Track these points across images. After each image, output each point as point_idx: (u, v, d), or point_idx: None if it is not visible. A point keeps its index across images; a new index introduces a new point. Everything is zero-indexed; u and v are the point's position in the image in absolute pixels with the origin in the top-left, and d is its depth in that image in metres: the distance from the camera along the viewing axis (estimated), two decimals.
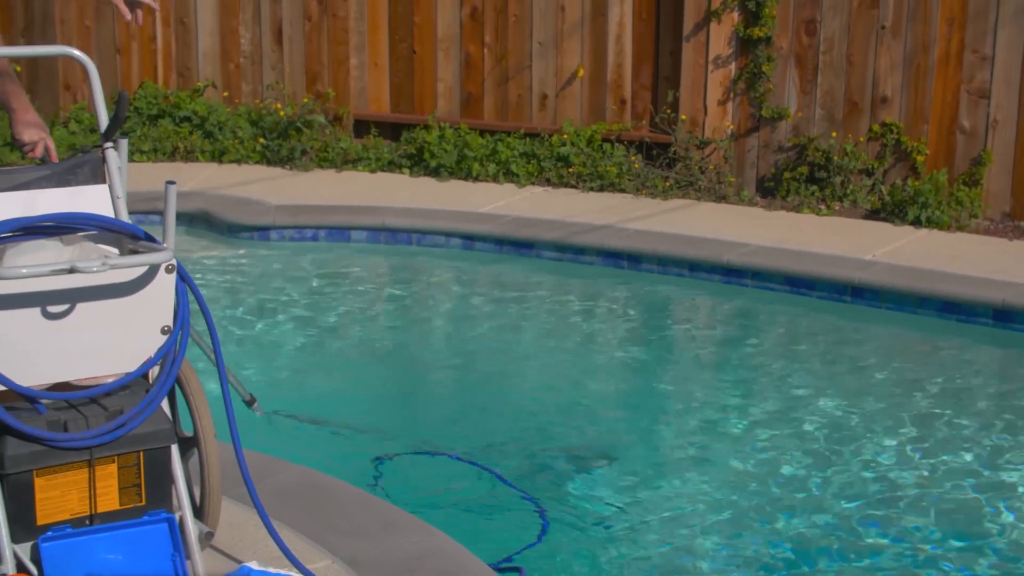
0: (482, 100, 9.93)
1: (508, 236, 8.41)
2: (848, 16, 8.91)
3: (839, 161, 8.91)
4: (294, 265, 8.28)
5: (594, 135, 9.51)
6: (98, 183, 4.14)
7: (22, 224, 3.81)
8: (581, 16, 9.55)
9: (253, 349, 7.00)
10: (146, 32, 10.39)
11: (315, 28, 10.13)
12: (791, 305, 7.62)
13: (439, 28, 9.93)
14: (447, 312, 7.80)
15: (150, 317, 3.85)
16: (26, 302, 3.67)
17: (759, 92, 9.13)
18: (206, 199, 8.92)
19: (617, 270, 8.13)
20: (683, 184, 9.17)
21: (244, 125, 10.09)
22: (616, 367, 7.01)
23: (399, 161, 9.78)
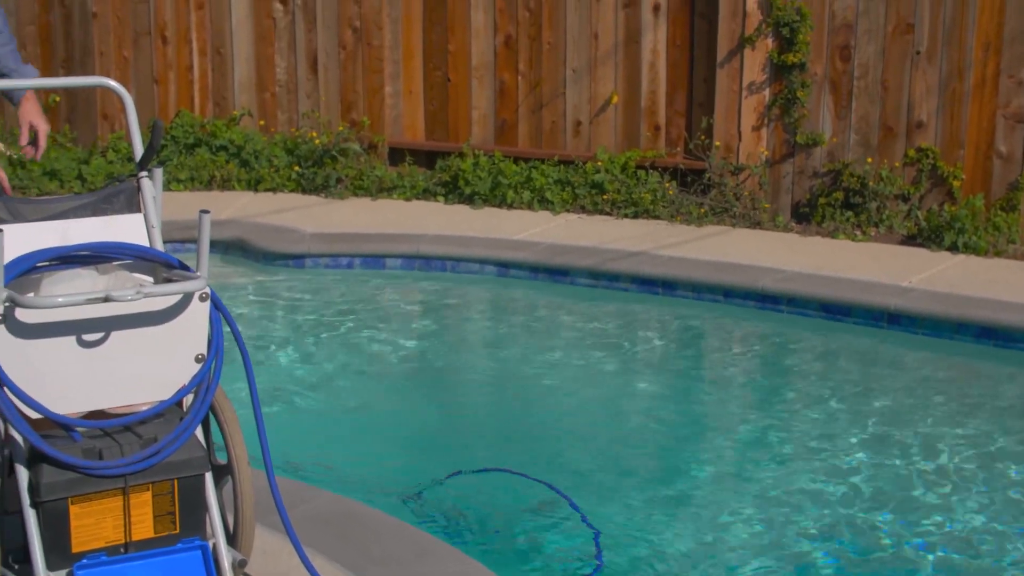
0: (516, 127, 9.96)
1: (542, 263, 8.42)
2: (882, 41, 8.90)
3: (874, 187, 8.88)
4: (329, 293, 8.30)
5: (628, 162, 9.51)
6: (133, 212, 4.17)
7: (58, 253, 3.84)
8: (615, 43, 9.57)
9: (287, 376, 7.02)
10: (183, 62, 10.47)
11: (350, 57, 10.18)
12: (827, 332, 7.59)
13: (473, 56, 9.96)
14: (482, 339, 7.81)
15: (184, 345, 3.86)
16: (62, 330, 3.70)
17: (793, 118, 9.12)
18: (242, 227, 8.96)
19: (652, 296, 8.11)
20: (718, 210, 9.16)
21: (280, 153, 10.14)
22: (651, 393, 6.99)
23: (434, 189, 9.81)
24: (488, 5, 9.85)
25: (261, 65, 10.41)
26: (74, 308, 3.66)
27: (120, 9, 10.45)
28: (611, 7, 9.53)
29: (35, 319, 3.65)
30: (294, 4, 10.22)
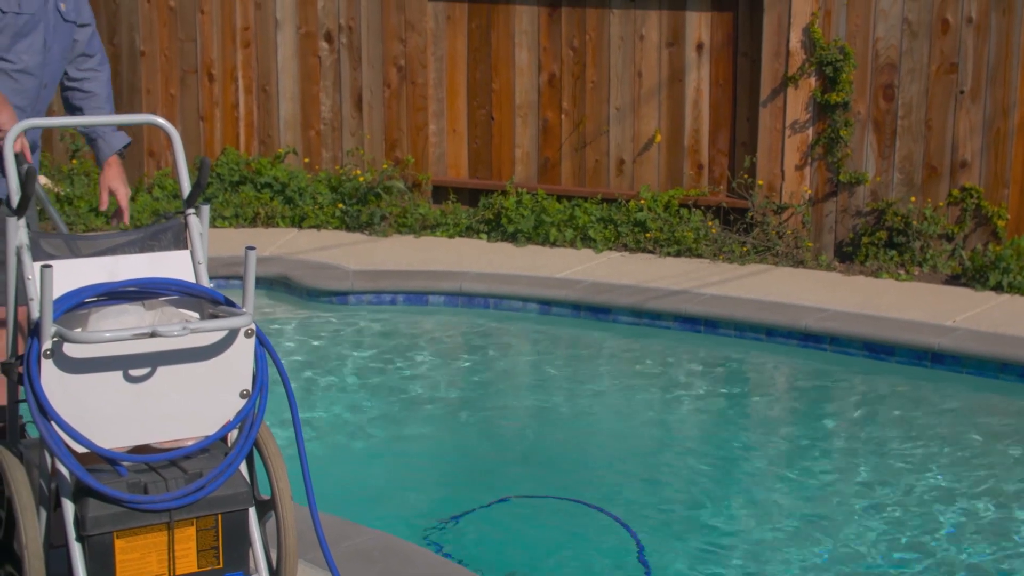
0: (559, 165, 9.99)
1: (585, 301, 8.43)
2: (926, 81, 8.89)
3: (918, 226, 8.86)
4: (372, 329, 8.33)
5: (671, 200, 9.52)
6: (180, 248, 4.21)
7: (106, 289, 3.88)
8: (658, 82, 9.59)
9: (331, 412, 7.04)
10: (229, 100, 10.56)
11: (394, 95, 10.25)
12: (870, 371, 7.55)
13: (517, 94, 10.01)
14: (524, 376, 7.81)
15: (229, 381, 3.89)
16: (109, 366, 3.73)
17: (837, 157, 9.11)
18: (286, 264, 9.02)
19: (694, 335, 8.11)
20: (760, 249, 9.16)
21: (324, 191, 10.20)
22: (693, 431, 6.98)
23: (477, 226, 9.84)
24: (532, 44, 9.90)
25: (306, 103, 10.49)
26: (121, 343, 3.70)
27: (168, 48, 10.56)
28: (655, 46, 9.57)
29: (82, 354, 3.69)
30: (339, 43, 10.31)
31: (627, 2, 9.59)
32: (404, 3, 10.09)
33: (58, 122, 4.43)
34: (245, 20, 10.48)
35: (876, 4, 8.94)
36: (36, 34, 4.88)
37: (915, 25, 8.88)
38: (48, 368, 3.68)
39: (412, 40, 10.12)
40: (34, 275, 3.90)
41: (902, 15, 8.90)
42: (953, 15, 8.79)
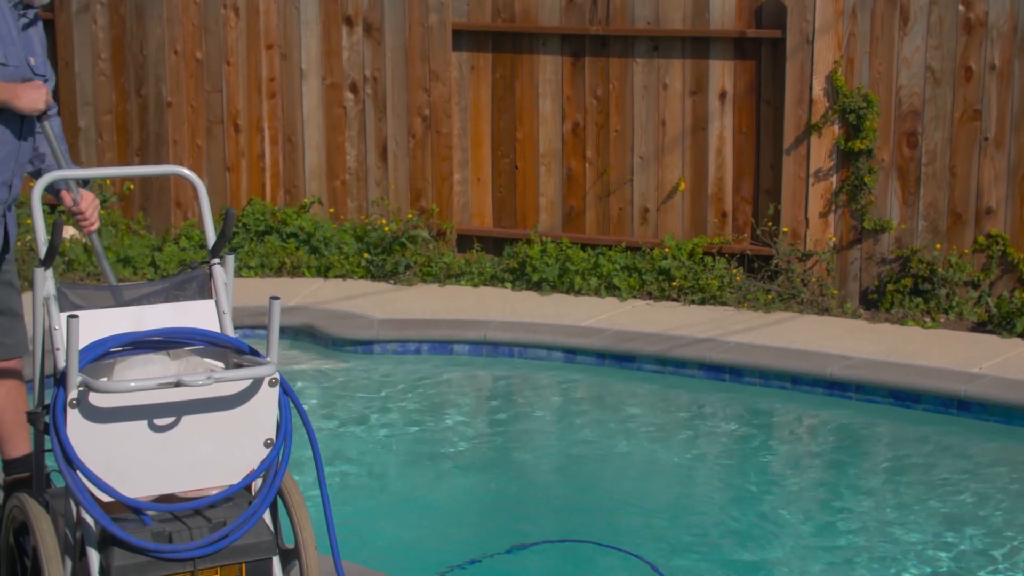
0: (584, 214, 10.01)
1: (610, 349, 8.43)
2: (950, 128, 8.90)
3: (944, 273, 8.84)
4: (397, 378, 8.35)
5: (695, 248, 9.53)
6: (205, 298, 4.25)
7: (131, 339, 3.92)
8: (682, 130, 9.62)
9: (355, 461, 7.05)
10: (255, 150, 10.63)
11: (419, 145, 10.30)
12: (896, 419, 7.53)
13: (541, 143, 10.05)
14: (548, 424, 7.81)
15: (253, 430, 3.92)
16: (134, 415, 3.76)
17: (861, 204, 9.11)
18: (311, 314, 9.05)
19: (719, 383, 8.09)
20: (785, 297, 9.15)
21: (349, 240, 10.24)
22: (718, 479, 6.96)
23: (501, 275, 9.87)
24: (556, 93, 9.95)
25: (331, 153, 10.55)
26: (146, 392, 3.72)
27: (194, 99, 10.65)
28: (678, 95, 9.60)
29: (108, 403, 3.72)
30: (364, 93, 10.38)
31: (650, 51, 9.64)
32: (429, 54, 10.16)
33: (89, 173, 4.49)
34: (271, 71, 10.56)
35: (899, 52, 8.96)
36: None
37: (938, 72, 8.89)
38: (74, 417, 3.70)
39: (437, 90, 10.18)
40: (60, 325, 3.93)
41: (925, 63, 8.92)
42: (976, 62, 8.81)
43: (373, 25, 10.26)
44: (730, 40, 9.41)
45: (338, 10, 10.32)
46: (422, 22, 10.13)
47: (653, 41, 9.61)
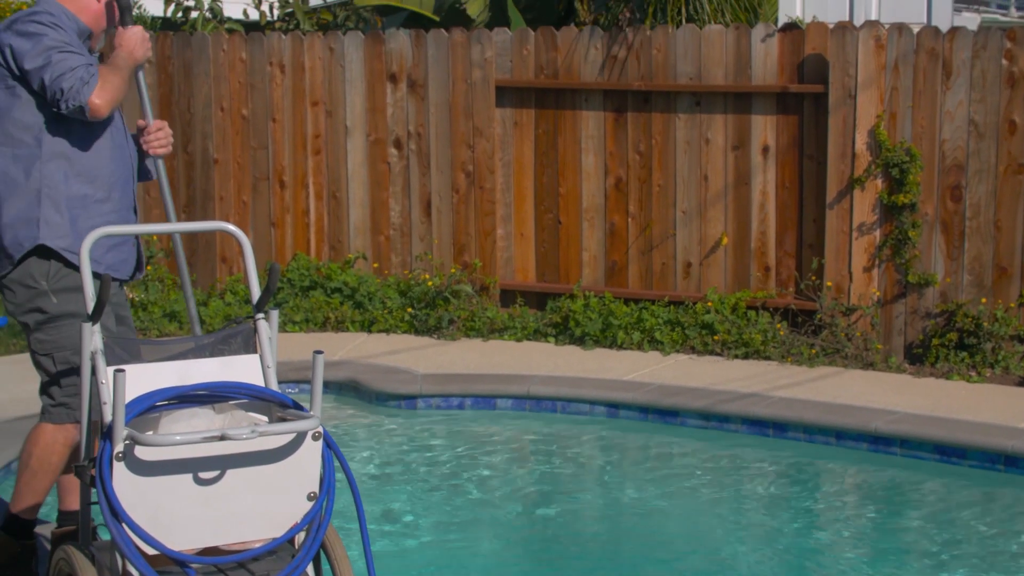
0: (626, 269, 10.03)
1: (653, 404, 8.42)
2: (994, 182, 8.88)
3: (989, 327, 8.80)
4: (441, 433, 8.36)
5: (738, 303, 9.52)
6: (250, 353, 4.29)
7: (177, 393, 3.95)
8: (724, 185, 9.64)
9: (398, 515, 7.06)
10: (300, 206, 10.72)
11: (463, 200, 10.36)
12: (941, 474, 7.48)
13: (584, 198, 10.09)
14: (593, 479, 7.80)
15: (297, 483, 3.94)
16: (179, 468, 3.79)
17: (905, 258, 9.09)
18: (355, 368, 9.08)
19: (762, 438, 8.07)
20: (829, 351, 9.12)
21: (393, 295, 10.29)
22: (763, 534, 6.92)
23: (544, 330, 9.88)
24: (599, 148, 9.99)
25: (376, 209, 10.62)
26: (191, 446, 3.76)
27: (240, 156, 10.75)
28: (720, 149, 9.63)
29: (153, 456, 3.75)
30: (408, 149, 10.45)
31: (693, 106, 9.67)
32: (472, 110, 10.23)
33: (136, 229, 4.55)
34: (316, 128, 10.66)
35: (942, 106, 8.96)
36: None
37: (981, 126, 8.88)
38: (120, 470, 3.74)
39: (480, 146, 10.24)
40: (107, 379, 3.97)
41: (968, 117, 8.91)
42: (1020, 116, 8.79)
43: (417, 82, 10.35)
44: (772, 95, 9.44)
45: (382, 67, 10.42)
46: (466, 78, 10.21)
47: (695, 96, 9.65)
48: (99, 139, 5.06)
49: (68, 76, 4.83)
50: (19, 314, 5.01)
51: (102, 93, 4.84)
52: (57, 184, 4.96)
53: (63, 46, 4.91)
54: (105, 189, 5.07)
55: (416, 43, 10.36)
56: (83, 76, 4.84)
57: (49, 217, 4.93)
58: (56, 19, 5.00)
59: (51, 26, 4.95)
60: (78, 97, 4.81)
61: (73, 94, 4.81)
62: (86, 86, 4.82)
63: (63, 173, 4.98)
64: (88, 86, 4.82)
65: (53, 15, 5.01)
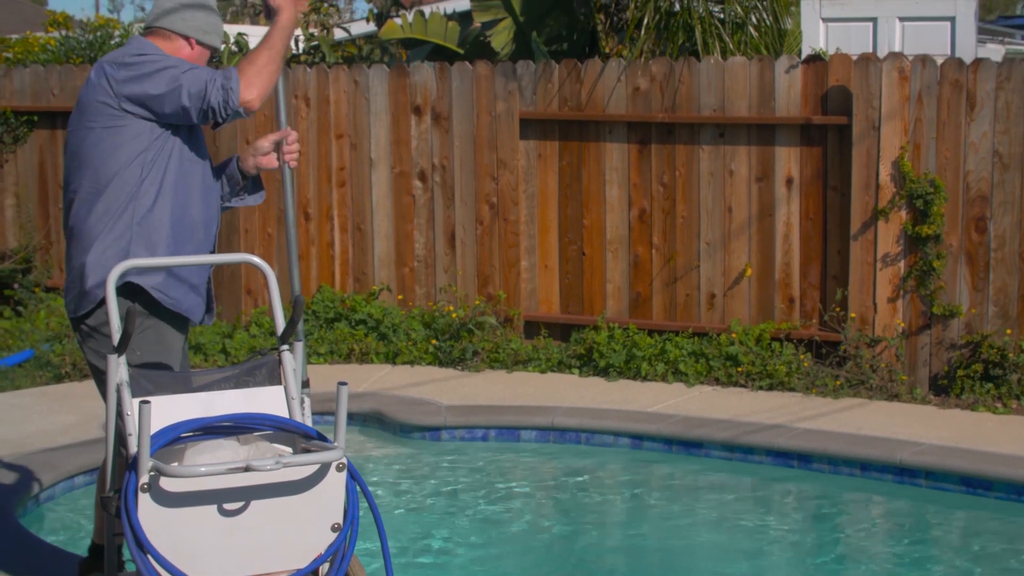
0: (650, 300, 10.03)
1: (677, 436, 8.41)
2: (1019, 213, 8.87)
3: (1015, 359, 8.77)
4: (465, 464, 8.36)
5: (763, 334, 9.51)
6: (274, 384, 4.31)
7: (202, 424, 3.98)
8: (748, 217, 9.64)
9: (422, 546, 7.06)
10: (324, 238, 10.76)
11: (487, 232, 10.39)
12: (967, 506, 7.44)
13: (608, 230, 10.10)
14: (617, 511, 7.79)
15: (321, 514, 3.95)
16: (204, 499, 3.81)
17: (929, 289, 9.07)
18: (379, 400, 9.10)
19: (787, 469, 8.04)
20: (854, 383, 9.10)
21: (417, 327, 10.31)
22: (788, 567, 6.90)
23: (568, 361, 9.89)
24: (623, 180, 10.01)
25: (400, 241, 10.66)
26: (216, 477, 3.77)
27: (266, 188, 10.78)
28: (744, 181, 9.64)
29: (178, 488, 3.77)
30: (433, 181, 10.49)
31: (716, 138, 9.69)
32: (496, 142, 10.27)
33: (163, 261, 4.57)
34: (341, 160, 10.71)
35: (966, 137, 8.96)
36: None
37: (1006, 157, 8.88)
38: (145, 502, 3.76)
39: (504, 178, 10.28)
40: (133, 411, 4.00)
41: (992, 148, 8.90)
42: None
43: (441, 114, 10.39)
44: (796, 127, 9.45)
45: (407, 100, 10.47)
46: (490, 111, 10.25)
47: (719, 128, 9.67)
48: (193, 179, 4.99)
49: (210, 87, 4.78)
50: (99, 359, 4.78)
51: (250, 88, 4.80)
52: (149, 223, 4.86)
53: (181, 64, 4.87)
54: (191, 230, 4.98)
55: (440, 76, 10.41)
56: (223, 82, 4.78)
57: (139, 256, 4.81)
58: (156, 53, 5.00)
59: (158, 55, 4.93)
60: (229, 103, 4.77)
61: (222, 103, 4.78)
62: (231, 90, 4.77)
63: (156, 212, 4.88)
64: (233, 91, 4.77)
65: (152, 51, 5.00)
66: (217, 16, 5.20)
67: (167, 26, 5.06)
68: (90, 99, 4.89)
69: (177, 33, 5.06)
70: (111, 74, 4.86)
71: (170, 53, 5.02)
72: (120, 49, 5.03)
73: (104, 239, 4.80)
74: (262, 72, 4.87)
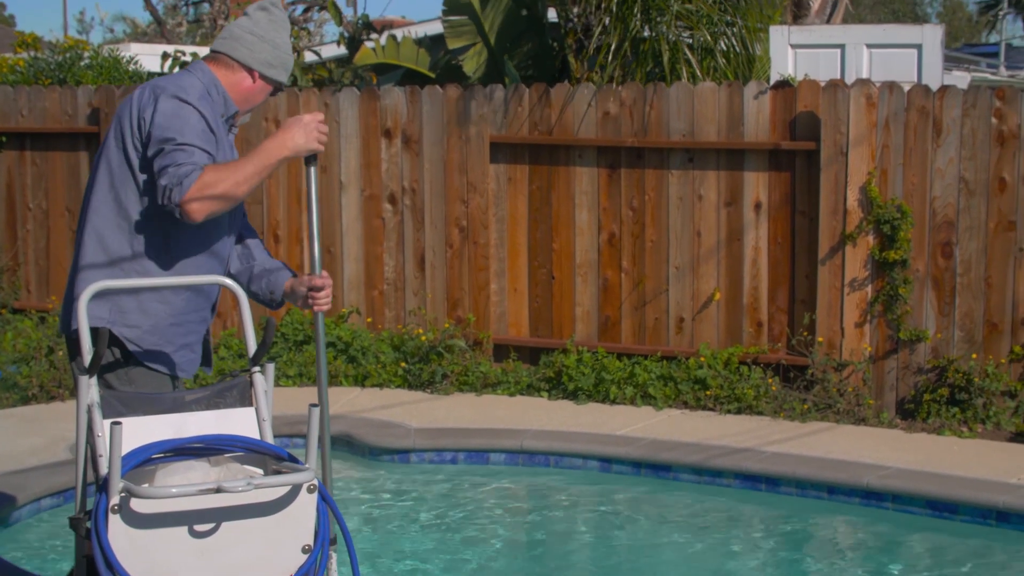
0: (620, 324, 10.07)
1: (646, 459, 8.43)
2: (984, 239, 8.94)
3: (980, 383, 8.84)
4: (433, 487, 8.37)
5: (731, 358, 9.56)
6: (245, 406, 4.31)
7: (172, 445, 3.98)
8: (717, 241, 9.70)
9: (391, 569, 7.05)
10: (294, 261, 10.76)
11: (456, 255, 10.41)
12: (933, 529, 7.49)
13: (577, 254, 10.14)
14: (585, 534, 7.80)
15: (291, 536, 3.96)
16: (175, 521, 3.81)
17: (896, 314, 9.14)
18: (348, 422, 9.10)
19: (755, 493, 8.08)
20: (821, 407, 9.15)
21: (387, 350, 10.32)
22: None
23: (538, 384, 9.91)
24: (592, 204, 10.06)
25: (370, 263, 10.67)
26: (187, 498, 3.77)
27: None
28: (713, 206, 9.69)
29: (149, 509, 3.77)
30: (403, 204, 10.51)
31: (686, 163, 9.75)
32: (467, 165, 10.30)
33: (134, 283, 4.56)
34: None
35: (932, 163, 9.04)
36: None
37: (972, 184, 8.96)
38: (115, 523, 3.75)
39: (474, 201, 10.31)
40: (104, 432, 4.00)
41: (958, 174, 8.99)
42: (1009, 174, 8.87)
43: (412, 138, 10.42)
44: (764, 152, 9.52)
45: (377, 123, 10.50)
46: (460, 135, 10.29)
47: (688, 153, 9.73)
48: (196, 237, 4.76)
49: (170, 171, 4.46)
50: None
51: (195, 194, 4.43)
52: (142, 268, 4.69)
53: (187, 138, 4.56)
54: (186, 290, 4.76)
55: (411, 99, 10.44)
56: (182, 174, 4.45)
57: (122, 302, 4.65)
58: (205, 91, 4.75)
59: (196, 104, 4.65)
60: (172, 196, 4.43)
61: (167, 192, 4.45)
62: (179, 186, 4.43)
63: (151, 258, 4.69)
64: (181, 187, 4.42)
65: (204, 85, 4.76)
66: (286, 49, 4.99)
67: (231, 54, 4.87)
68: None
69: (240, 64, 4.88)
70: (149, 105, 4.65)
71: (231, 83, 4.86)
72: (172, 78, 4.79)
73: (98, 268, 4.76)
74: (222, 186, 4.50)
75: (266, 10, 4.93)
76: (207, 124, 4.66)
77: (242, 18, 4.96)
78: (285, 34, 4.96)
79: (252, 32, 4.87)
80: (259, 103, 5.00)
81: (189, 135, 4.57)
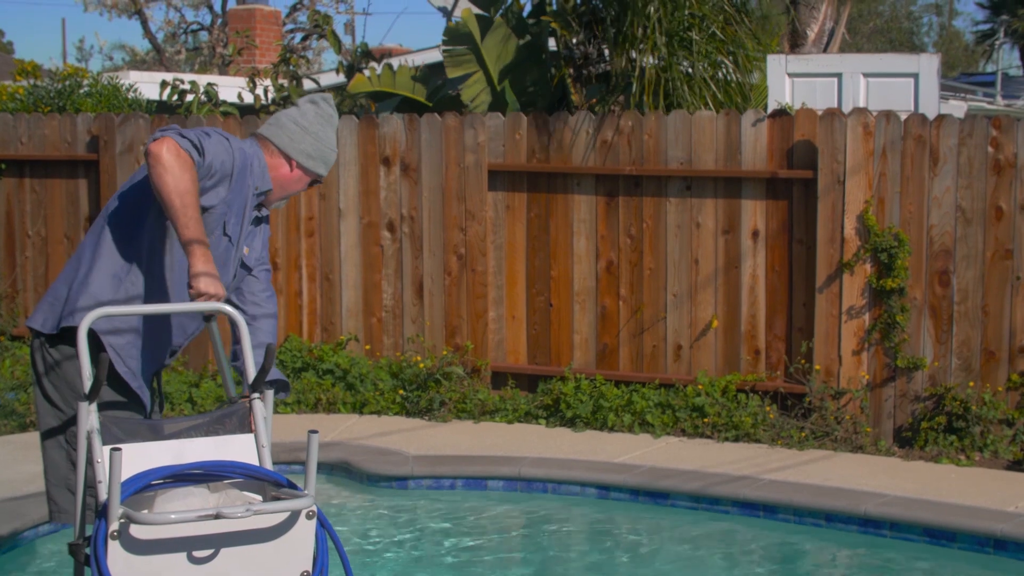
0: (617, 351, 10.08)
1: (644, 486, 8.43)
2: (982, 267, 8.97)
3: (978, 411, 8.85)
4: (431, 514, 8.36)
5: (728, 385, 9.57)
6: (245, 432, 4.33)
7: (172, 472, 3.99)
8: (715, 269, 9.72)
9: None
10: (292, 288, 10.78)
11: (455, 282, 10.43)
12: (931, 557, 7.49)
13: (576, 281, 10.16)
14: (583, 562, 7.79)
15: (290, 562, 3.96)
16: (174, 547, 3.82)
17: (894, 342, 9.15)
18: (346, 449, 9.10)
19: (752, 519, 8.08)
20: (819, 434, 9.16)
21: (385, 377, 10.33)
22: None
23: (535, 412, 9.91)
24: (590, 232, 10.08)
25: (368, 291, 10.68)
26: (186, 524, 3.78)
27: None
28: (711, 233, 9.72)
29: (149, 535, 3.78)
30: (401, 232, 10.53)
31: (683, 191, 9.78)
32: (465, 193, 10.33)
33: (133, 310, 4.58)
34: (309, 210, 10.75)
35: (929, 192, 9.07)
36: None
37: (969, 212, 8.99)
38: (115, 549, 3.76)
39: (472, 229, 10.33)
40: (103, 458, 4.01)
41: (955, 203, 9.02)
42: (1006, 202, 8.90)
43: (410, 165, 10.45)
44: (762, 180, 9.55)
45: (376, 151, 10.53)
46: (459, 162, 10.32)
47: (686, 181, 9.76)
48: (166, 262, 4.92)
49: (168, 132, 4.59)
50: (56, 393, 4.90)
51: (164, 145, 4.53)
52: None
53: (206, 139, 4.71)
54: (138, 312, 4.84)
55: (409, 127, 10.47)
56: (172, 131, 4.59)
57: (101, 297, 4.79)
58: (246, 160, 4.88)
59: (234, 144, 4.81)
60: (151, 139, 4.57)
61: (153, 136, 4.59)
62: (160, 137, 4.55)
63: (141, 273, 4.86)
64: (161, 139, 4.55)
65: (247, 155, 4.90)
66: (329, 144, 5.08)
67: (273, 140, 5.03)
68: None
69: (280, 151, 5.03)
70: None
71: (271, 166, 5.00)
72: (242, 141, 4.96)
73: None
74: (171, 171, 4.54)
75: (315, 104, 5.06)
76: (233, 158, 4.80)
77: (292, 107, 5.11)
78: (331, 130, 5.08)
79: (297, 122, 5.00)
80: (295, 192, 5.13)
81: (209, 143, 4.71)
